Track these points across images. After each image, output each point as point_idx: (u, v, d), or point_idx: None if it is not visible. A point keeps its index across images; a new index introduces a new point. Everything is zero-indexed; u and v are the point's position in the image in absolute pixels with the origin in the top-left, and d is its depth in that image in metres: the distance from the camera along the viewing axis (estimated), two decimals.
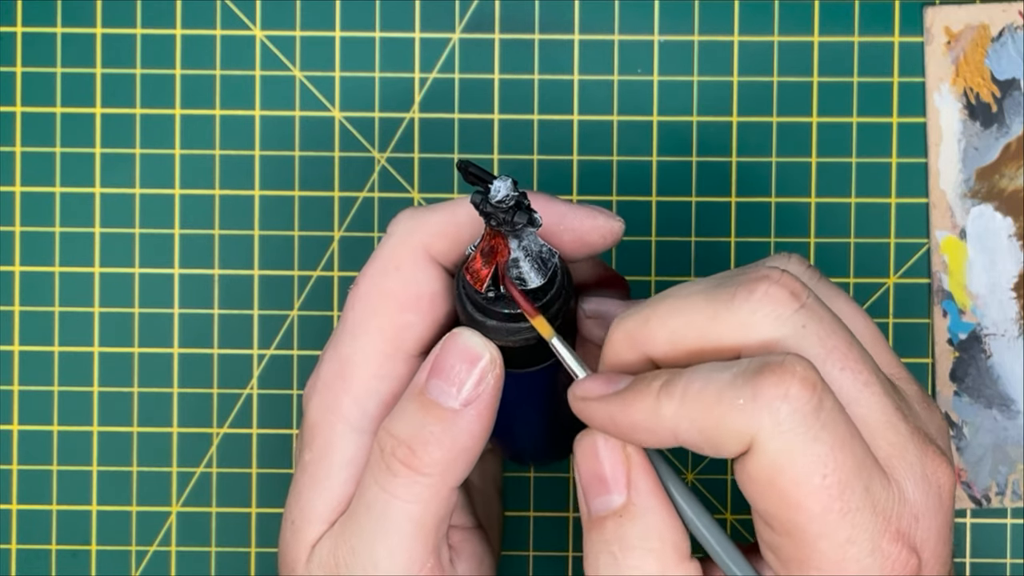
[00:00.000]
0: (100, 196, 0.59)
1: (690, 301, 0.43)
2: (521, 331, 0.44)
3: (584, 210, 0.46)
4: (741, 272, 0.44)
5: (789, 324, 0.42)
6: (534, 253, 0.44)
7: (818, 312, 0.43)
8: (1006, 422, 0.58)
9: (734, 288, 0.42)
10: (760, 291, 0.42)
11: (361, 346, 0.47)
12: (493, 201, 0.42)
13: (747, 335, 0.42)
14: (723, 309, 0.42)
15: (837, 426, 0.41)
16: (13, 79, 0.58)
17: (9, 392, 0.59)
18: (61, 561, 0.59)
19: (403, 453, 0.44)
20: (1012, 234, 0.58)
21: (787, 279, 0.42)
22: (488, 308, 0.44)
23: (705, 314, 0.42)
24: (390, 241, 0.47)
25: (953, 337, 0.58)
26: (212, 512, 0.59)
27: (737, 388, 0.41)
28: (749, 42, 0.58)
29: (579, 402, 0.44)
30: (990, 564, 0.58)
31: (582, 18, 0.58)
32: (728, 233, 0.58)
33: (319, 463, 0.47)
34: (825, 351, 0.42)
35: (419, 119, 0.58)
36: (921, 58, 0.58)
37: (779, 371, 0.41)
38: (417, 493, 0.45)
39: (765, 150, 0.58)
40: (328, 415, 0.47)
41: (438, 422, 0.44)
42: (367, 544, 0.45)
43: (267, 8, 0.58)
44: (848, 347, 0.43)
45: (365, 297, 0.47)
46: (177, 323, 0.59)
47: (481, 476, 0.53)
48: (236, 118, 0.58)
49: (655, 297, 0.44)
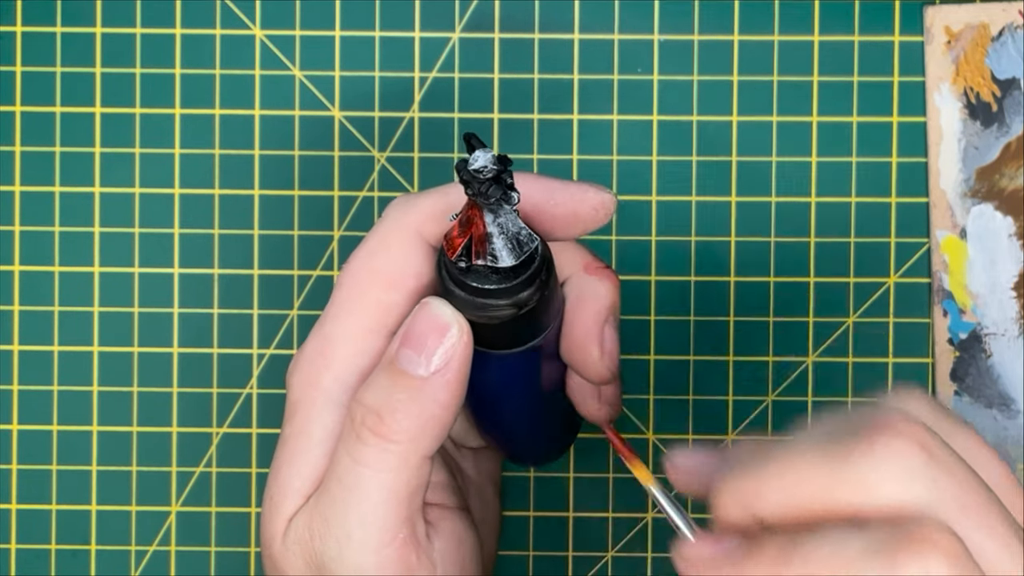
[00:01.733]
0: (100, 196, 0.59)
1: (804, 458, 0.38)
2: (488, 307, 0.44)
3: (575, 185, 0.46)
4: (859, 418, 0.39)
5: (919, 481, 0.38)
6: (510, 232, 0.43)
7: (949, 464, 0.38)
8: (1006, 422, 0.58)
9: (854, 441, 0.38)
10: (881, 444, 0.38)
11: (344, 323, 0.47)
12: (471, 168, 0.42)
13: (870, 495, 0.38)
14: (841, 467, 0.38)
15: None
16: (13, 79, 0.58)
17: (9, 392, 0.59)
18: (61, 561, 0.59)
19: (372, 421, 0.44)
20: (1012, 234, 0.58)
21: (914, 428, 0.38)
22: (459, 279, 0.44)
23: (821, 472, 0.38)
24: (383, 224, 0.47)
25: (953, 337, 0.58)
26: (212, 512, 0.59)
27: (869, 559, 0.37)
28: (749, 42, 0.58)
29: (683, 562, 0.41)
30: None
31: (582, 17, 0.58)
32: (728, 233, 0.58)
33: (298, 438, 0.47)
34: (959, 508, 0.38)
35: (419, 118, 0.58)
36: (921, 58, 0.58)
37: (920, 541, 0.37)
38: (387, 461, 0.44)
39: (765, 150, 0.58)
40: (309, 390, 0.47)
41: (405, 390, 0.44)
42: (340, 514, 0.45)
43: (267, 8, 0.58)
44: (986, 503, 0.38)
45: (352, 276, 0.47)
46: (177, 323, 0.59)
47: (476, 470, 0.52)
48: (236, 118, 0.58)
49: (764, 453, 0.40)
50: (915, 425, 0.38)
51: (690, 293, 0.58)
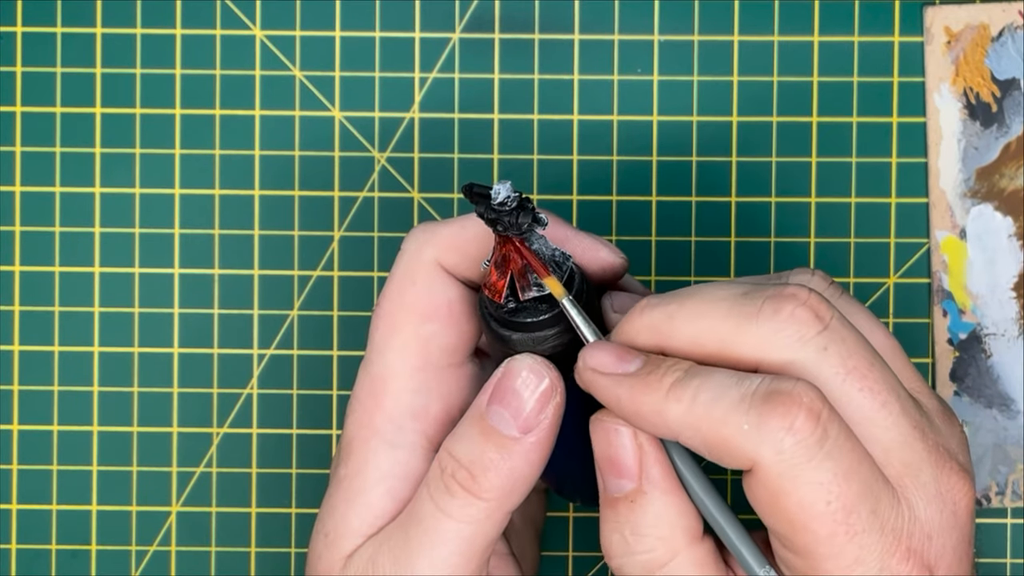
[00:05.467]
0: (100, 196, 0.59)
1: (716, 307, 0.43)
2: (548, 339, 0.44)
3: (589, 240, 0.47)
4: (769, 283, 0.44)
5: (811, 346, 0.42)
6: (547, 257, 0.44)
7: (841, 333, 0.43)
8: (1006, 422, 0.58)
9: (760, 302, 0.43)
10: (786, 311, 0.42)
11: (389, 362, 0.47)
12: (495, 204, 0.43)
13: (767, 353, 0.43)
14: (747, 322, 0.43)
15: (843, 454, 0.41)
16: (13, 79, 0.58)
17: (9, 392, 0.59)
18: (61, 561, 0.59)
19: (463, 476, 0.45)
20: (1012, 234, 0.58)
21: (813, 299, 0.43)
22: (511, 321, 0.44)
23: (728, 324, 0.43)
24: (403, 258, 0.47)
25: (953, 337, 0.58)
26: (212, 512, 0.59)
27: (743, 412, 0.41)
28: (749, 42, 0.58)
29: (587, 372, 0.44)
30: (990, 564, 0.58)
31: (582, 18, 0.58)
32: (728, 233, 0.58)
33: (354, 478, 0.47)
34: (845, 371, 0.43)
35: (419, 119, 0.58)
36: (921, 58, 0.58)
37: (786, 401, 0.41)
38: (471, 515, 0.45)
39: (765, 150, 0.58)
40: (362, 431, 0.47)
41: (497, 449, 0.45)
42: (412, 555, 0.45)
43: (267, 8, 0.58)
44: (869, 367, 0.43)
45: (387, 315, 0.47)
46: (177, 323, 0.59)
47: (521, 513, 0.53)
48: (236, 118, 0.58)
49: (682, 292, 0.44)
50: (816, 298, 0.43)
51: None
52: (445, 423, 0.47)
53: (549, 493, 0.57)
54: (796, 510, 0.41)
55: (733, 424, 0.41)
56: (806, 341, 0.42)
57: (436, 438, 0.47)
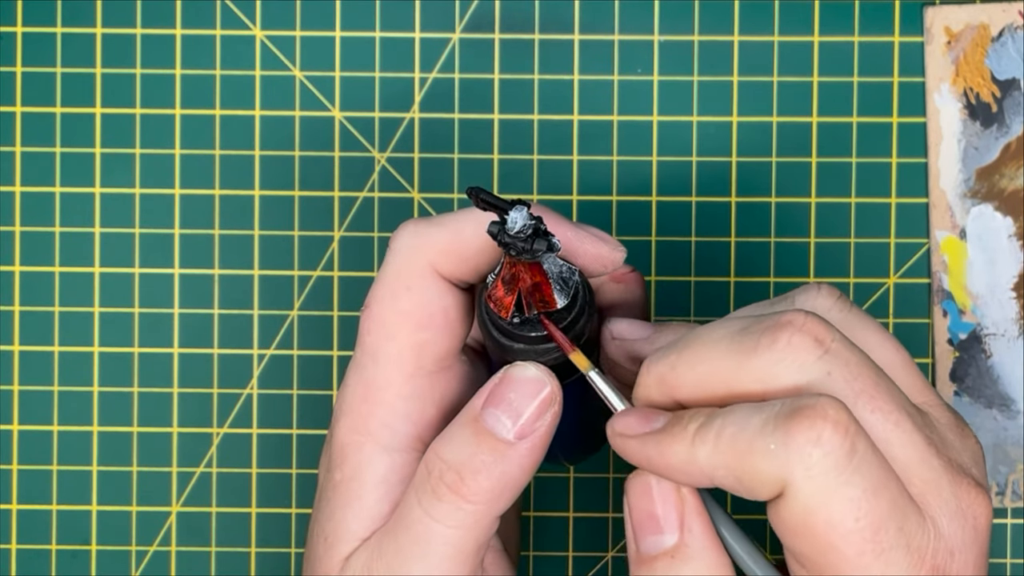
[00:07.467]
0: (100, 196, 0.59)
1: (715, 349, 0.43)
2: (551, 351, 0.45)
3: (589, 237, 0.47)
4: (771, 310, 0.44)
5: (814, 372, 0.42)
6: (555, 275, 0.44)
7: (843, 355, 0.42)
8: (1006, 422, 0.58)
9: (757, 336, 0.42)
10: (783, 341, 0.42)
11: (383, 368, 0.47)
12: (511, 233, 0.42)
13: (770, 384, 0.42)
14: (746, 358, 0.42)
15: (871, 469, 0.41)
16: (13, 79, 0.58)
17: (9, 392, 0.59)
18: (61, 561, 0.59)
19: (451, 479, 0.44)
20: (1012, 234, 0.58)
21: (811, 324, 0.42)
22: (514, 332, 0.44)
23: (729, 363, 0.42)
24: (396, 259, 0.47)
25: (953, 337, 0.58)
26: (212, 512, 0.59)
27: (768, 434, 0.41)
28: (749, 42, 0.58)
29: (617, 438, 0.44)
30: (990, 564, 0.58)
31: (582, 18, 0.58)
32: (728, 233, 0.58)
33: (351, 483, 0.47)
34: (854, 394, 0.42)
35: (419, 119, 0.58)
36: (921, 58, 0.58)
37: (811, 414, 0.41)
38: (460, 519, 0.45)
39: (765, 150, 0.58)
40: (356, 436, 0.47)
41: (490, 452, 0.44)
42: (404, 562, 0.45)
43: (267, 8, 0.58)
44: (875, 387, 0.42)
45: (380, 320, 0.47)
46: (177, 323, 0.59)
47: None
48: (236, 118, 0.58)
49: (682, 340, 0.43)
50: (814, 321, 0.42)
51: (690, 293, 0.58)
52: (438, 425, 0.47)
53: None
54: (825, 528, 0.41)
55: (760, 448, 0.41)
56: (807, 367, 0.42)
57: (430, 440, 0.47)
